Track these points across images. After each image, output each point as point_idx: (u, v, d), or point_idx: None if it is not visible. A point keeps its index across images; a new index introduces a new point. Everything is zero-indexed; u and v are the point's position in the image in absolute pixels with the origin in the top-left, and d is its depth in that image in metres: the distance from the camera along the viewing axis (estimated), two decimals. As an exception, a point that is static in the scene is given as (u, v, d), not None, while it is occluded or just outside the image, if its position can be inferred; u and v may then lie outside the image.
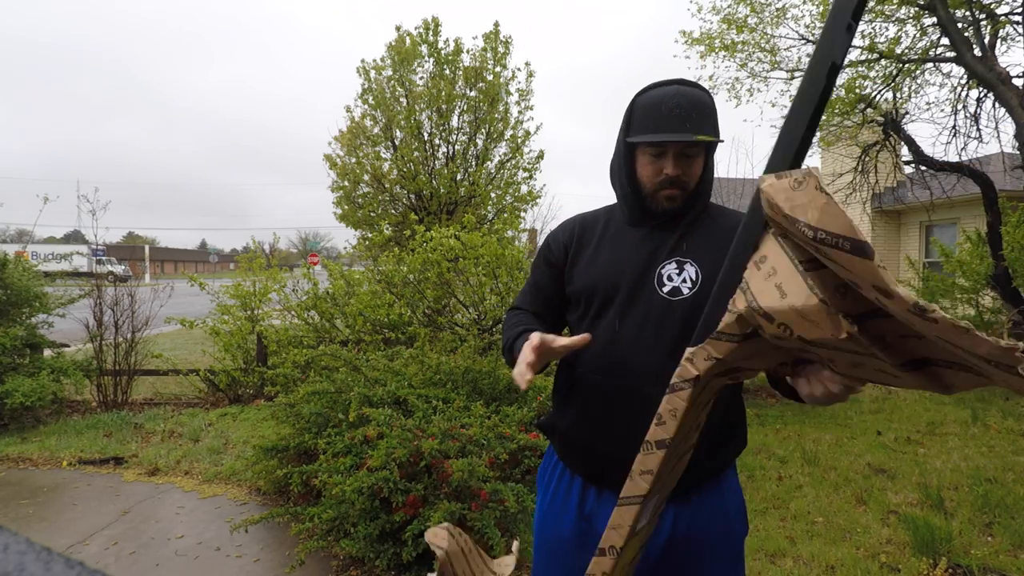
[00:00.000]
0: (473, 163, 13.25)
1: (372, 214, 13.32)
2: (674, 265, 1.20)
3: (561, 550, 1.27)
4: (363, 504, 2.51)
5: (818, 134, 7.70)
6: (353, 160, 13.23)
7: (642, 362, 1.17)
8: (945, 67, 7.22)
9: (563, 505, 1.28)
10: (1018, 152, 5.79)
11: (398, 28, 12.86)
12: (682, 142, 1.16)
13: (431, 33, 12.70)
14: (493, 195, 13.54)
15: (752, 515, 3.33)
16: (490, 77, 12.87)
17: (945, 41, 6.34)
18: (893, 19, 6.90)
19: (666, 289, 1.19)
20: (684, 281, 1.18)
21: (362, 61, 12.91)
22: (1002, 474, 3.90)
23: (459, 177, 13.07)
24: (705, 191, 1.25)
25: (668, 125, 1.16)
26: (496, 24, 12.98)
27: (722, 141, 1.21)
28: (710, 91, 1.26)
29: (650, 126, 1.18)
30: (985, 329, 7.34)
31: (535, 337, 1.13)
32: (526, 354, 1.11)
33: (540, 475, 1.40)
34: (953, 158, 7.16)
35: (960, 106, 6.93)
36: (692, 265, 1.19)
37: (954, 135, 7.00)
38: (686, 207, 1.23)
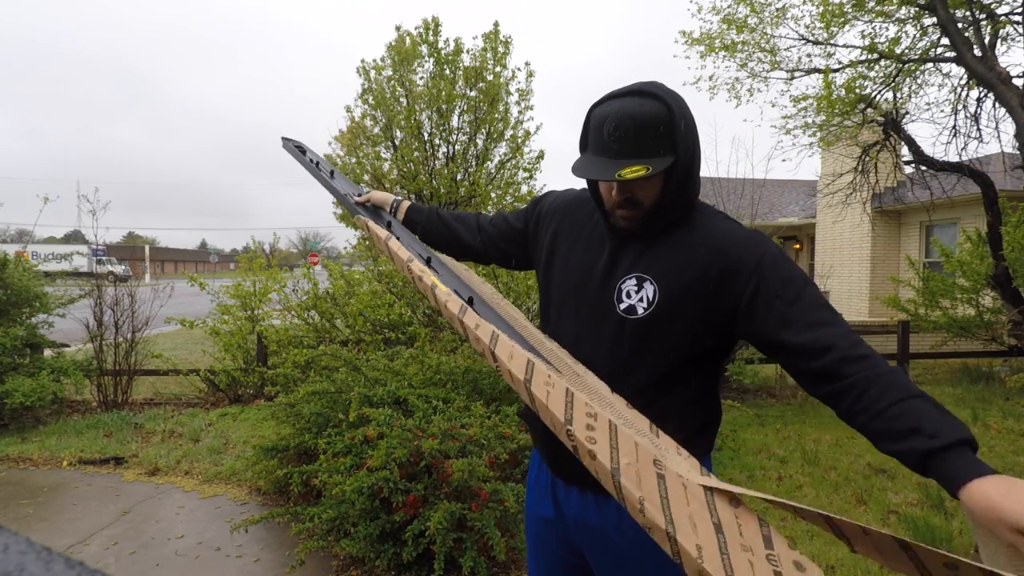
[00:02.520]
0: (473, 163, 13.25)
1: (372, 214, 13.30)
2: (634, 281, 1.15)
3: (545, 530, 1.30)
4: (363, 504, 2.51)
5: (818, 134, 7.71)
6: (353, 160, 13.23)
7: (599, 375, 1.17)
8: (945, 67, 7.22)
9: (544, 489, 1.30)
10: (1018, 152, 5.80)
11: (398, 28, 12.85)
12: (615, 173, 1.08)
13: (431, 33, 12.70)
14: (493, 195, 13.52)
15: (752, 515, 3.33)
16: (490, 77, 12.86)
17: (945, 41, 6.34)
18: (893, 19, 6.90)
19: (623, 306, 1.15)
20: (641, 300, 1.14)
21: (362, 61, 12.90)
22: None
23: (459, 177, 13.06)
24: (671, 207, 1.14)
25: (605, 151, 1.09)
26: (496, 24, 12.97)
27: (663, 165, 1.06)
28: (671, 97, 1.10)
29: (593, 148, 1.12)
30: (985, 329, 7.34)
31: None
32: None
33: (532, 456, 1.42)
34: (953, 158, 7.17)
35: (960, 106, 6.94)
36: (652, 284, 1.13)
37: (954, 135, 7.01)
38: (648, 225, 1.16)
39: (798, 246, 16.41)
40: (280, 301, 6.54)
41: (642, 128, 1.06)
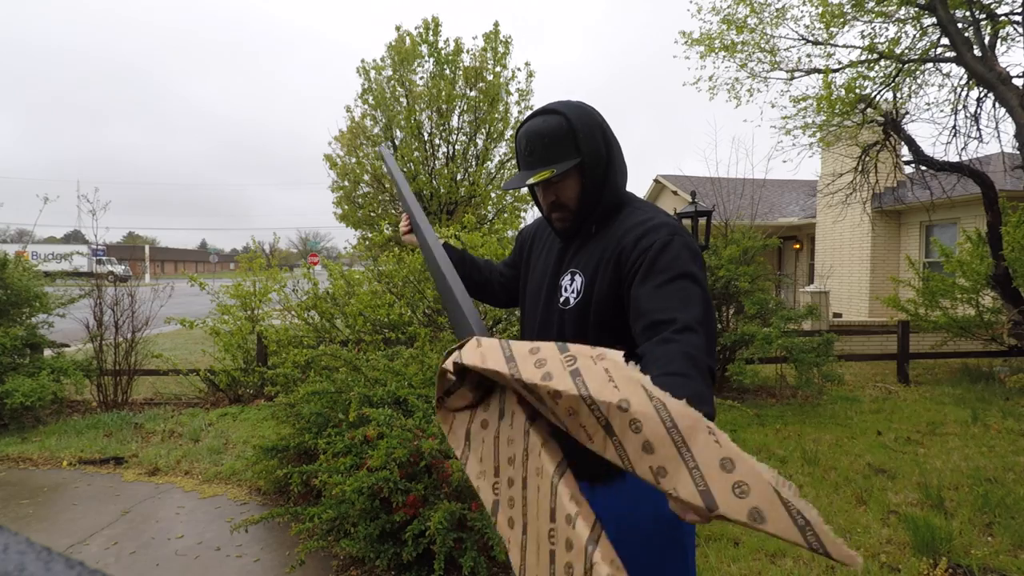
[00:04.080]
0: (473, 163, 13.27)
1: (372, 214, 13.33)
2: (569, 276, 1.30)
3: None
4: (363, 504, 2.51)
5: (818, 134, 7.71)
6: (353, 160, 13.24)
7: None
8: (945, 67, 7.22)
9: None
10: (1018, 152, 5.80)
11: (398, 28, 12.87)
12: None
13: (431, 33, 12.71)
14: (493, 195, 13.55)
15: (752, 515, 3.33)
16: (490, 77, 12.88)
17: (945, 41, 6.34)
18: (893, 19, 6.90)
19: (561, 299, 1.30)
20: (573, 292, 1.28)
21: (362, 61, 12.93)
22: (1002, 474, 3.90)
23: (459, 177, 13.08)
24: (593, 205, 1.29)
25: (524, 164, 1.29)
26: (496, 24, 12.98)
27: (567, 166, 1.22)
28: (572, 111, 1.26)
29: (519, 164, 1.32)
30: (985, 329, 7.35)
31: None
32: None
33: None
34: (953, 158, 7.17)
35: (960, 106, 6.94)
36: (580, 275, 1.28)
37: (954, 135, 7.01)
38: (579, 224, 1.32)
39: (798, 246, 16.41)
40: (280, 301, 6.54)
41: (546, 140, 1.25)
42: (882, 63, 6.99)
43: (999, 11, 6.09)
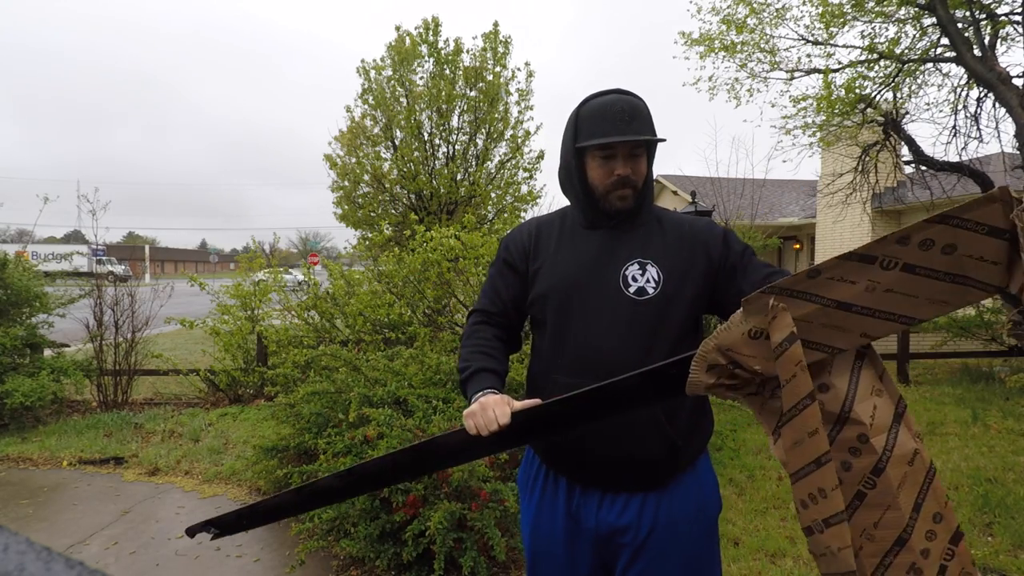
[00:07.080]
0: (473, 163, 13.25)
1: (372, 214, 13.32)
2: (636, 266, 1.27)
3: (554, 546, 1.32)
4: (363, 504, 2.51)
5: (818, 134, 7.71)
6: (353, 160, 13.23)
7: (618, 361, 1.20)
8: (945, 67, 7.22)
9: (552, 506, 1.33)
10: (1018, 152, 5.79)
11: (398, 28, 12.85)
12: (631, 142, 1.25)
13: (431, 33, 12.70)
14: (493, 195, 13.54)
15: (752, 515, 3.33)
16: (490, 77, 12.87)
17: (945, 41, 6.34)
18: (893, 19, 6.90)
19: (632, 289, 1.25)
20: (648, 281, 1.26)
21: (362, 61, 12.91)
22: (1002, 474, 3.90)
23: (459, 177, 13.07)
24: (650, 190, 1.35)
25: (615, 128, 1.25)
26: (496, 24, 12.97)
27: (664, 140, 1.32)
28: (643, 97, 1.37)
29: (598, 131, 1.26)
30: (985, 329, 7.34)
31: (503, 404, 1.17)
32: (500, 415, 1.15)
33: (522, 482, 1.43)
34: (953, 158, 7.16)
35: (960, 106, 6.93)
36: (653, 266, 1.27)
37: (954, 135, 7.00)
38: (637, 206, 1.31)
39: (798, 246, 16.41)
40: (280, 301, 6.54)
41: (640, 112, 1.28)
42: (882, 63, 6.98)
43: (999, 11, 6.08)
